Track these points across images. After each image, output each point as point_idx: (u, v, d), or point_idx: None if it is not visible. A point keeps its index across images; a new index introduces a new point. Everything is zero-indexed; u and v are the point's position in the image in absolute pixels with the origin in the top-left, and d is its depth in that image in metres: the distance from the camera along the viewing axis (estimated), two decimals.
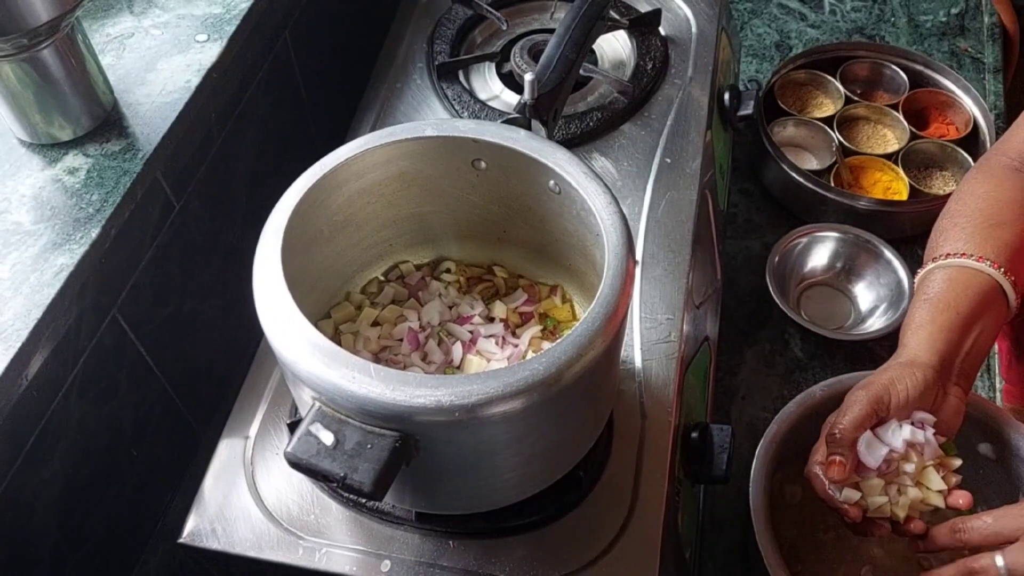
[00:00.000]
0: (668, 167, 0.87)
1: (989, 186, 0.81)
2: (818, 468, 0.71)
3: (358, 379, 0.50)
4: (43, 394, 0.65)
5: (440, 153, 0.65)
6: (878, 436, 0.71)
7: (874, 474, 0.70)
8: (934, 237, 0.81)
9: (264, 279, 0.55)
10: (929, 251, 0.80)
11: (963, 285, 0.74)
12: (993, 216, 0.78)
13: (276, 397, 0.73)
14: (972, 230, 0.77)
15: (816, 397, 0.81)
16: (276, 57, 0.91)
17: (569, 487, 0.67)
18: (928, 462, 0.71)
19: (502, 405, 0.51)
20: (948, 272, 0.76)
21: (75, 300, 0.65)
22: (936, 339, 0.73)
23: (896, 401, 0.70)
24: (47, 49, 0.65)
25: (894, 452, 0.70)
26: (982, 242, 0.76)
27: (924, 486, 0.71)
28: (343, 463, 0.49)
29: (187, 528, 0.67)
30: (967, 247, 0.76)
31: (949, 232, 0.79)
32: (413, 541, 0.66)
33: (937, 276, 0.76)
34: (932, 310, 0.74)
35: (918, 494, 0.70)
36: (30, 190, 0.68)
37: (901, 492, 0.71)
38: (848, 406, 0.71)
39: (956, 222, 0.79)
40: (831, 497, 0.71)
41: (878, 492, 0.70)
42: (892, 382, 0.71)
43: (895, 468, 0.71)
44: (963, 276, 0.75)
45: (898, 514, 0.70)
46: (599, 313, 0.53)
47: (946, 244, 0.78)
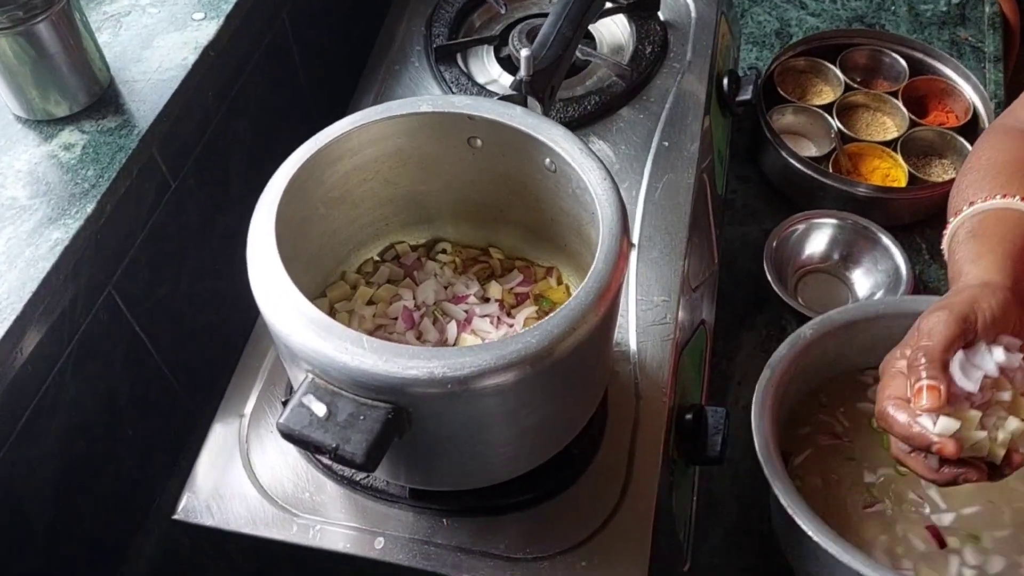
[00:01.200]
0: (666, 151, 0.87)
1: (1008, 142, 0.75)
2: (893, 404, 0.61)
3: (350, 350, 0.50)
4: (38, 370, 0.65)
5: (436, 130, 0.64)
6: (971, 360, 0.60)
7: (967, 405, 0.60)
8: (956, 194, 0.74)
9: (258, 251, 0.55)
10: (954, 207, 0.73)
11: (1011, 222, 0.67)
12: (1019, 162, 0.71)
13: (271, 376, 0.73)
14: (1002, 177, 0.70)
15: (807, 337, 0.77)
16: (274, 37, 0.91)
17: (563, 466, 0.67)
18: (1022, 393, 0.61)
19: (495, 377, 0.51)
20: (986, 215, 0.68)
21: (70, 275, 0.65)
22: (1004, 264, 0.64)
23: (983, 320, 0.60)
24: (43, 23, 0.65)
25: (988, 377, 0.60)
26: (1017, 184, 0.68)
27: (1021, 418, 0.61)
28: (335, 434, 0.49)
29: (181, 505, 0.67)
30: (1001, 190, 0.68)
31: (973, 184, 0.72)
32: (407, 518, 0.66)
33: (975, 220, 0.69)
34: (985, 244, 0.66)
35: (1020, 425, 0.60)
36: (26, 165, 0.68)
37: (998, 426, 0.60)
38: (930, 327, 0.61)
39: (980, 174, 0.73)
40: (919, 435, 0.59)
41: (976, 426, 0.59)
42: (975, 300, 0.61)
43: (990, 398, 0.60)
44: (1006, 215, 0.67)
45: (997, 452, 0.59)
46: (592, 287, 0.53)
47: (974, 194, 0.70)
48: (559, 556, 0.64)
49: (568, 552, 0.64)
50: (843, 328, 0.78)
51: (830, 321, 0.78)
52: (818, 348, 0.76)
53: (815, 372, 0.78)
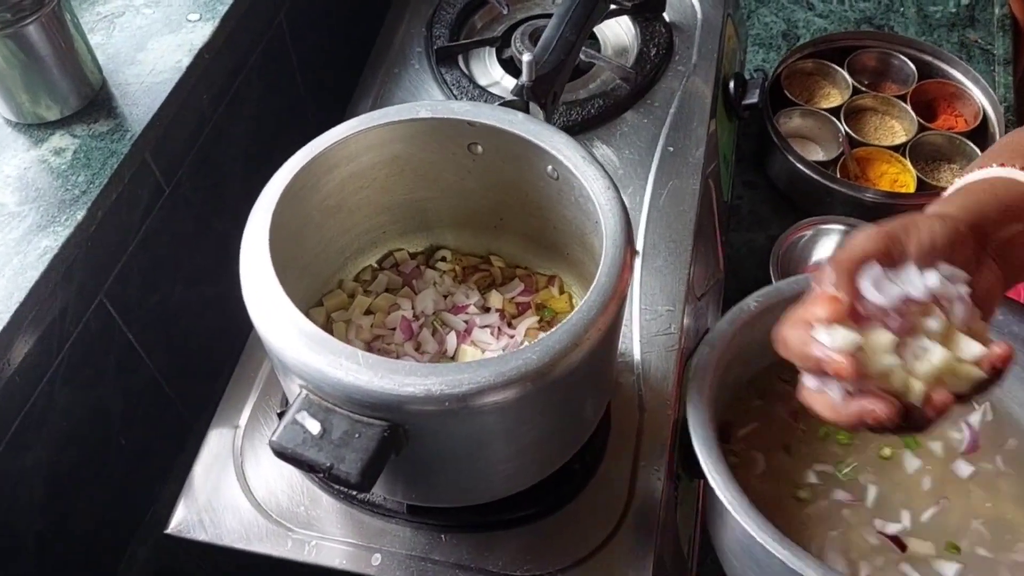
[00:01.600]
0: (671, 156, 0.85)
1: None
2: (790, 323, 0.51)
3: (345, 366, 0.48)
4: (27, 379, 0.63)
5: (435, 136, 0.63)
6: (891, 279, 0.50)
7: (879, 325, 0.49)
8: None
9: (251, 263, 0.53)
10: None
11: (1003, 186, 0.58)
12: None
13: (267, 386, 0.72)
14: (1006, 151, 0.62)
15: (751, 310, 0.68)
16: (272, 39, 0.89)
17: (564, 481, 0.65)
18: (959, 324, 0.50)
19: (494, 395, 0.49)
20: (975, 181, 0.60)
21: (60, 284, 0.63)
22: (967, 200, 0.56)
23: (919, 243, 0.51)
24: (33, 25, 0.63)
25: (914, 303, 0.49)
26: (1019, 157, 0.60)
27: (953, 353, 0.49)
28: (329, 453, 0.48)
29: (174, 519, 0.66)
30: (998, 160, 0.60)
31: (976, 163, 0.63)
32: (405, 534, 0.64)
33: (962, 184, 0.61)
34: (964, 191, 0.59)
35: (946, 356, 0.48)
36: (15, 171, 0.66)
37: (919, 356, 0.49)
38: (851, 241, 0.52)
39: (986, 154, 0.64)
40: (811, 353, 0.48)
41: (887, 350, 0.48)
42: (915, 222, 0.52)
43: (913, 325, 0.49)
44: (1001, 181, 0.59)
45: (914, 388, 0.48)
46: (596, 301, 0.51)
47: (976, 164, 0.62)
48: (560, 573, 0.63)
49: (570, 569, 0.63)
50: (792, 301, 0.70)
51: (777, 293, 0.69)
52: (762, 324, 0.65)
53: (760, 352, 0.68)
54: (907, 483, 0.69)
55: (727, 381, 0.68)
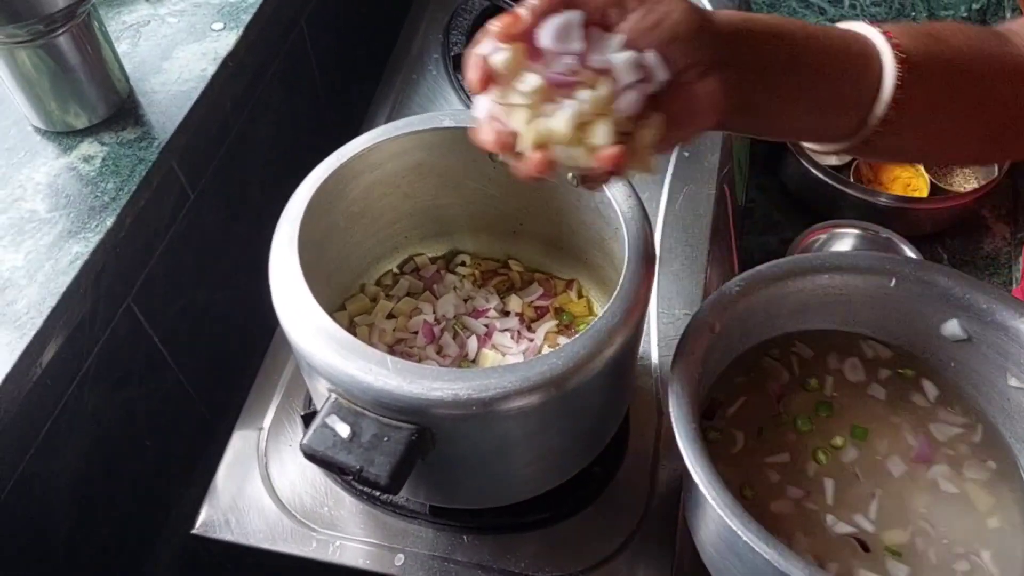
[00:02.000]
0: (686, 160, 0.86)
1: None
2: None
3: (375, 371, 0.49)
4: (57, 383, 0.64)
5: (457, 144, 0.64)
6: (587, 36, 0.45)
7: (538, 68, 0.46)
8: None
9: (281, 269, 0.54)
10: None
11: (823, 32, 0.52)
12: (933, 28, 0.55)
13: (290, 388, 0.73)
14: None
15: (732, 294, 0.64)
16: (292, 47, 0.90)
17: (585, 483, 0.66)
18: (618, 114, 0.45)
19: (519, 400, 0.50)
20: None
21: (90, 289, 0.64)
22: (757, 18, 0.50)
23: (646, 17, 0.46)
24: (63, 36, 0.64)
25: (589, 64, 0.45)
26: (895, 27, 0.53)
27: (584, 133, 0.45)
28: (359, 456, 0.49)
29: (200, 519, 0.67)
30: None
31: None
32: (427, 535, 0.65)
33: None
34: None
35: (562, 128, 0.45)
36: (45, 178, 0.68)
37: (549, 115, 0.45)
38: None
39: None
40: (475, 62, 0.46)
41: (526, 88, 0.45)
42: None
43: (574, 87, 0.45)
44: (835, 31, 0.52)
45: (523, 136, 0.46)
46: (618, 308, 0.52)
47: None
48: (581, 575, 0.63)
49: (590, 571, 0.64)
50: (773, 283, 0.66)
51: (758, 275, 0.66)
52: (745, 306, 0.64)
53: (744, 333, 0.68)
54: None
55: (710, 366, 0.65)
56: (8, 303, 0.61)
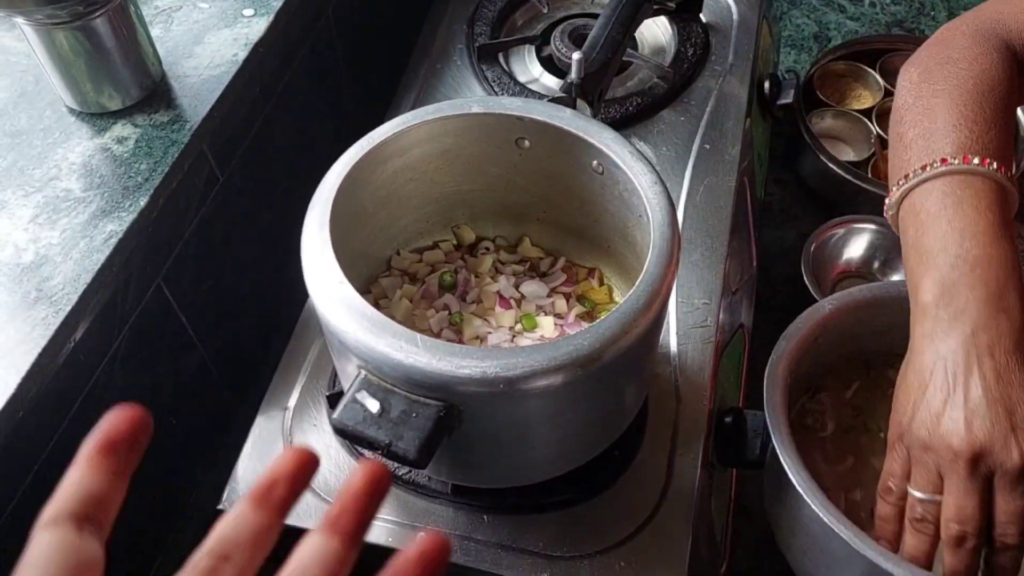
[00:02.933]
0: (707, 153, 0.87)
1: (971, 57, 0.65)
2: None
3: (405, 348, 0.50)
4: (89, 359, 0.66)
5: (484, 131, 0.65)
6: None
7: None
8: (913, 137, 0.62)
9: (313, 250, 0.55)
10: (915, 158, 0.61)
11: (981, 192, 0.58)
12: (983, 102, 0.61)
13: (314, 370, 0.74)
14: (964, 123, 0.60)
15: (826, 311, 0.73)
16: (319, 34, 0.91)
17: (604, 466, 0.67)
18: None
19: (544, 379, 0.51)
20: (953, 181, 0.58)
21: (122, 267, 0.66)
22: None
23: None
24: (100, 18, 0.66)
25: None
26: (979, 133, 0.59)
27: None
28: (388, 431, 0.50)
29: (225, 495, 0.68)
30: (963, 144, 0.58)
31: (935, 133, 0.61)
32: (448, 514, 0.66)
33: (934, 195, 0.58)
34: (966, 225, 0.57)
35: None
36: (80, 158, 0.69)
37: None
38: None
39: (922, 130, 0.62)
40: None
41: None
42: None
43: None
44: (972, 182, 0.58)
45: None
46: (644, 291, 0.53)
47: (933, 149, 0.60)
48: (598, 556, 0.65)
49: (607, 552, 0.65)
50: (864, 305, 0.74)
51: (850, 296, 0.74)
52: (835, 324, 0.72)
53: (828, 350, 0.75)
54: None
55: (799, 372, 0.72)
56: (44, 279, 0.62)
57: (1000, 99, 0.62)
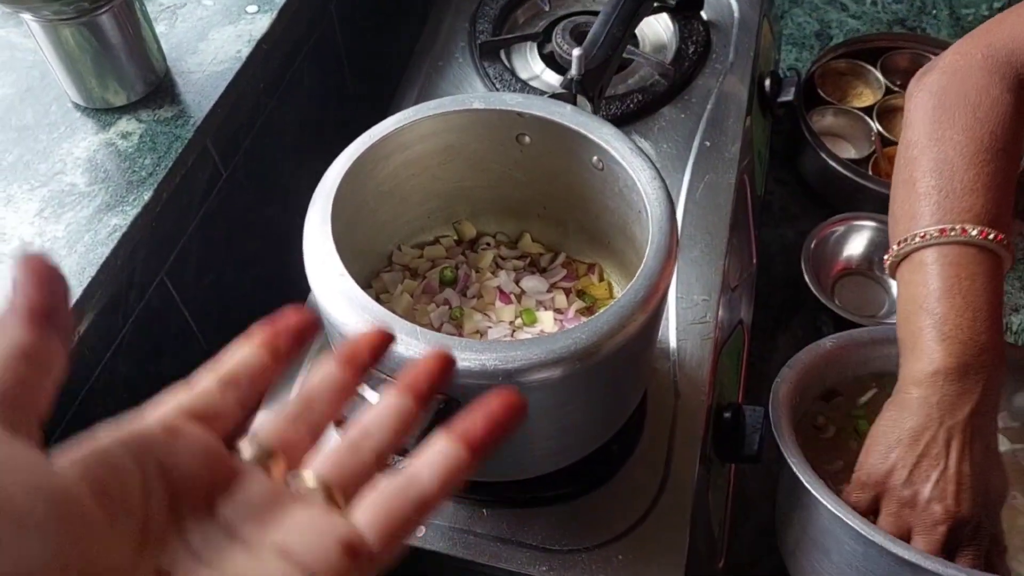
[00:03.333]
0: (707, 150, 0.87)
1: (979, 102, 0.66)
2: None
3: (405, 341, 0.51)
4: (93, 352, 0.67)
5: (486, 127, 0.65)
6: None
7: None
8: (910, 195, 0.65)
9: (314, 243, 0.56)
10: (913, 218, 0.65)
11: (982, 270, 0.62)
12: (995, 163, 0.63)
13: (316, 364, 0.75)
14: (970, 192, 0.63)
15: (827, 348, 0.77)
16: (322, 31, 0.92)
17: (602, 460, 0.68)
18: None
19: (543, 372, 0.52)
20: (954, 253, 0.62)
21: (127, 261, 0.66)
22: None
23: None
24: (106, 14, 0.66)
25: None
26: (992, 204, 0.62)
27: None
28: None
29: None
30: (980, 215, 0.62)
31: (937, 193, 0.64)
32: (447, 508, 0.67)
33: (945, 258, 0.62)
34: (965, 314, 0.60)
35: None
36: (84, 153, 0.70)
37: None
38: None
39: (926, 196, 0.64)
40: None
41: None
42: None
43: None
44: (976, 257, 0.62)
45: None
46: (642, 286, 0.54)
47: (939, 212, 0.63)
48: (596, 549, 0.65)
49: (605, 545, 0.65)
50: (865, 344, 0.79)
51: (849, 337, 0.78)
52: (838, 356, 0.76)
53: (835, 374, 0.79)
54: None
55: (803, 396, 0.76)
56: None
57: (1012, 157, 0.65)
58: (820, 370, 0.78)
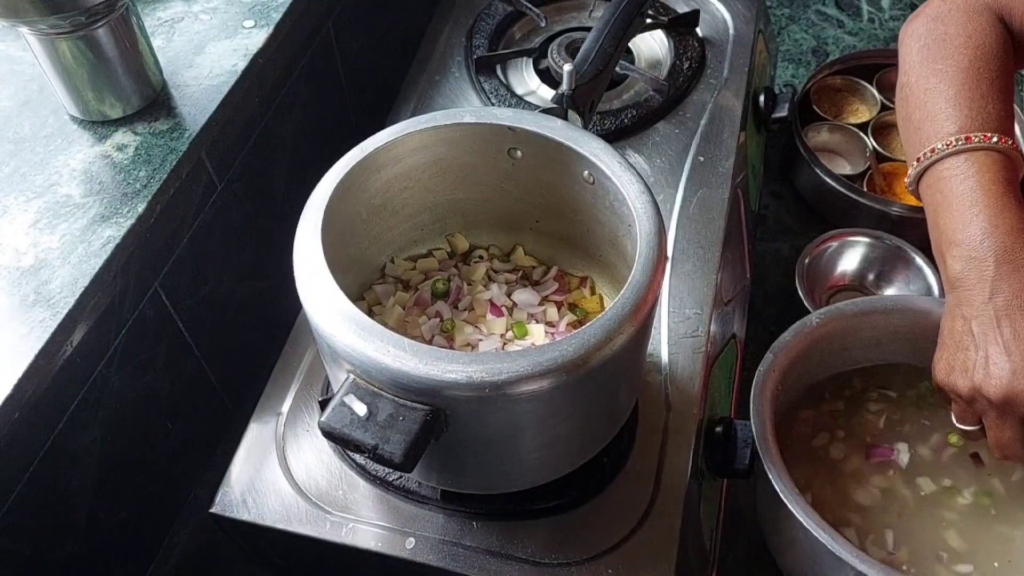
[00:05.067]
0: (701, 165, 0.88)
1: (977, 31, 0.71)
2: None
3: (392, 353, 0.51)
4: (86, 362, 0.67)
5: (477, 140, 0.66)
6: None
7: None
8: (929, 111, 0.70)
9: (305, 255, 0.56)
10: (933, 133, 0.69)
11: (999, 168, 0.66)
12: (983, 76, 0.69)
13: (308, 376, 0.75)
14: (968, 99, 0.69)
15: (813, 325, 0.77)
16: (319, 45, 0.93)
17: (593, 473, 0.68)
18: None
19: (531, 384, 0.52)
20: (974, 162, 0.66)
21: (120, 272, 0.67)
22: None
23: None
24: (103, 28, 0.67)
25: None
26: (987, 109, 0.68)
27: None
28: (375, 434, 0.51)
29: (218, 499, 0.69)
30: (963, 124, 0.67)
31: (949, 105, 0.69)
32: (437, 520, 0.67)
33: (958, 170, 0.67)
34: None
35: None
36: (80, 164, 0.70)
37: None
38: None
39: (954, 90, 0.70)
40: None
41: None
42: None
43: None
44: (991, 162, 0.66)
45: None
46: (629, 299, 0.54)
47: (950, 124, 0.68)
48: (586, 562, 0.65)
49: (595, 559, 0.65)
50: (851, 319, 0.79)
51: (838, 312, 0.79)
52: (824, 338, 0.76)
53: (819, 363, 0.78)
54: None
55: (786, 385, 0.76)
56: (43, 283, 0.63)
57: (995, 72, 0.69)
58: (806, 354, 0.78)
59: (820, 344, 0.77)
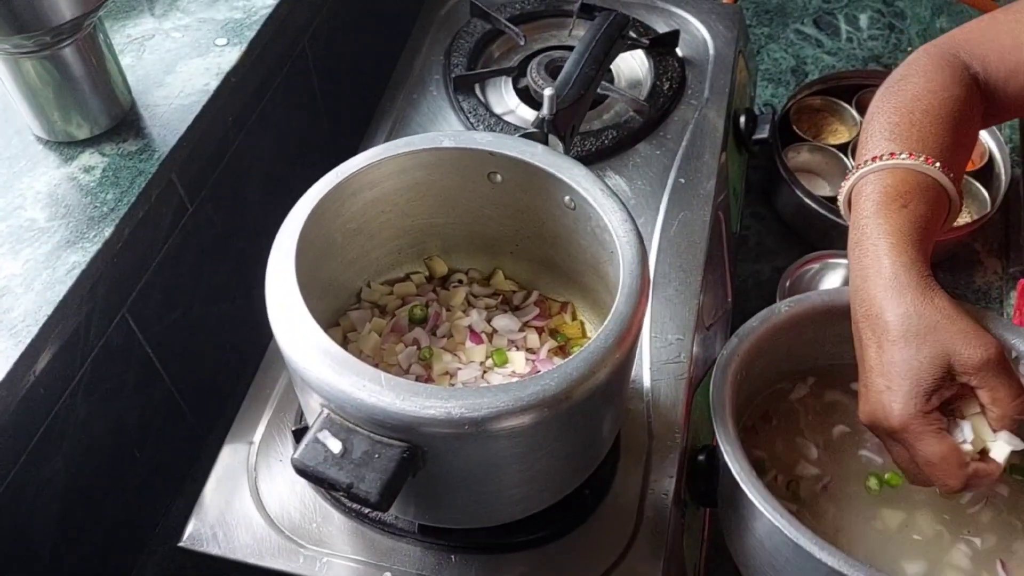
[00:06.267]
0: (682, 187, 0.87)
1: (934, 78, 0.72)
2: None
3: (368, 388, 0.50)
4: (50, 391, 0.65)
5: (456, 165, 0.64)
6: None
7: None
8: (870, 136, 0.71)
9: (277, 284, 0.55)
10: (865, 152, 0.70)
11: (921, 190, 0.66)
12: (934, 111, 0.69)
13: (281, 403, 0.73)
14: (900, 126, 0.69)
15: (781, 314, 0.73)
16: (295, 64, 0.91)
17: (574, 505, 0.66)
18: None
19: (511, 420, 0.50)
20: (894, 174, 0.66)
21: (86, 298, 0.65)
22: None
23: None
24: (69, 48, 0.65)
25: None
26: (930, 140, 0.68)
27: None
28: (350, 472, 0.49)
29: (187, 532, 0.67)
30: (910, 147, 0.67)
31: (886, 131, 0.70)
32: (415, 554, 0.65)
33: (883, 177, 0.67)
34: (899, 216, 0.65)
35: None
36: (45, 187, 0.68)
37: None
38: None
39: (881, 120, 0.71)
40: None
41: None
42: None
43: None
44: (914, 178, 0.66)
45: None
46: (612, 331, 0.53)
47: (883, 146, 0.68)
48: None
49: None
50: (821, 311, 0.74)
51: (807, 300, 0.74)
52: (793, 328, 0.73)
53: (787, 355, 0.74)
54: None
55: (750, 374, 0.71)
56: (4, 311, 0.61)
57: (931, 105, 0.69)
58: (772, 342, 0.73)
59: (789, 334, 0.73)
